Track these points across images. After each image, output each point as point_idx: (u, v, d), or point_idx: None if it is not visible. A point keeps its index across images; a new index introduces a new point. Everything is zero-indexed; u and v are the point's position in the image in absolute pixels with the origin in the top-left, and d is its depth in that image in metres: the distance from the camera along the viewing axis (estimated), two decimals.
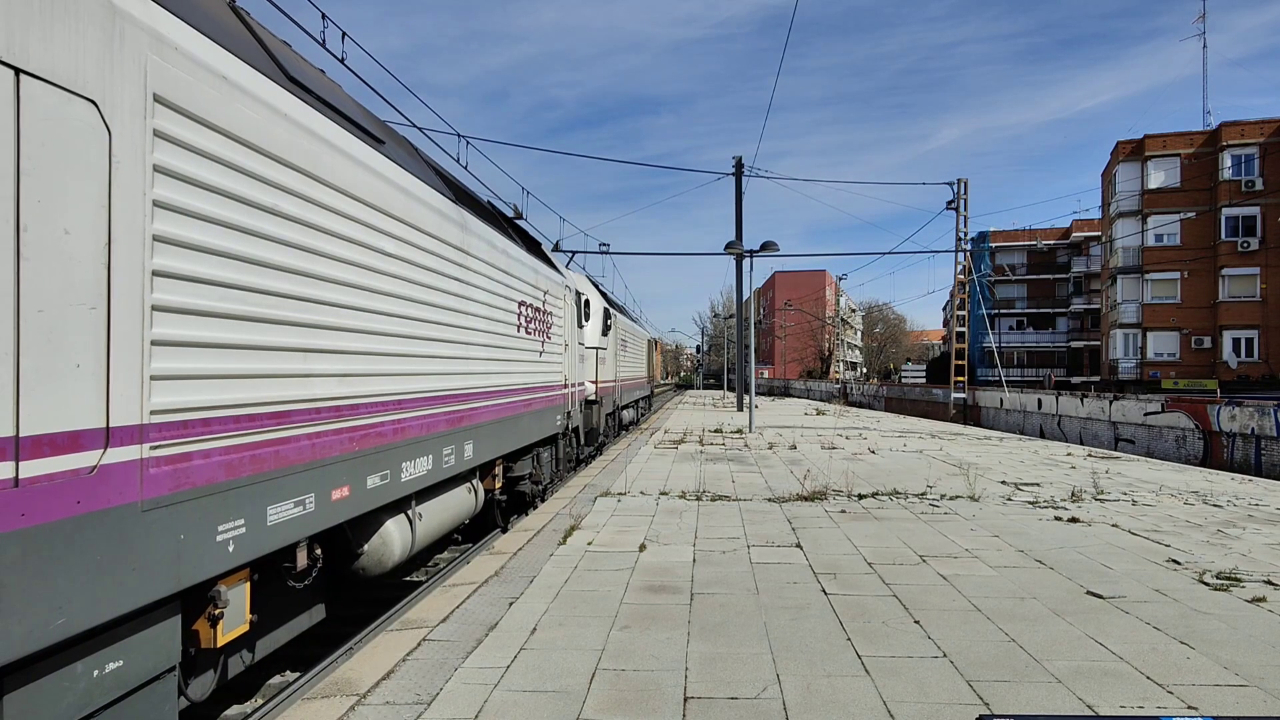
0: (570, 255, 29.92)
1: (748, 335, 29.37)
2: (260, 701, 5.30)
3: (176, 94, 3.49)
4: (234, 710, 5.49)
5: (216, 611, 4.01)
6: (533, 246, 12.21)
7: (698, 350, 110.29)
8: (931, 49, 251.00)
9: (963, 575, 6.71)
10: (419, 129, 12.93)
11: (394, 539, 6.18)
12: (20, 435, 2.69)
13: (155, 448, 3.35)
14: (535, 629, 5.32)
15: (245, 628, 4.32)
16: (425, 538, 6.95)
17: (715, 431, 22.94)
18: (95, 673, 3.20)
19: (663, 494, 11.11)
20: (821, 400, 55.06)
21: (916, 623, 5.45)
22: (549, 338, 11.55)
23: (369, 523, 5.98)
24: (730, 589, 6.27)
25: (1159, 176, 43.35)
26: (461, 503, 8.06)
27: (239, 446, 3.96)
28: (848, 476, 12.75)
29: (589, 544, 7.91)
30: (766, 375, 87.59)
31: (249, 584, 4.37)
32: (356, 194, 5.23)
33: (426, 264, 6.51)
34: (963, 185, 33.84)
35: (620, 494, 11.10)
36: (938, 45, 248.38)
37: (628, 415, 25.35)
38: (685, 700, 4.14)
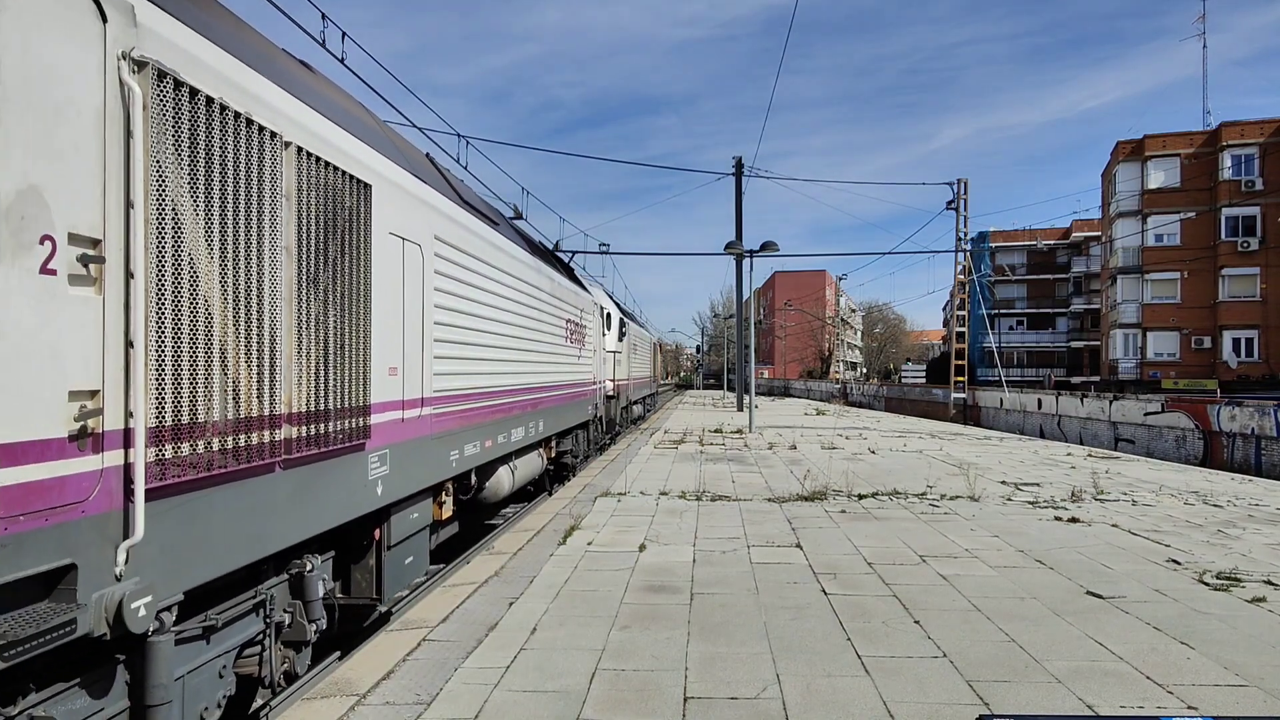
0: (570, 255, 29.89)
1: (748, 335, 29.38)
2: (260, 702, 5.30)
3: (440, 230, 6.67)
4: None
5: (442, 500, 7.25)
6: (571, 275, 15.88)
7: (698, 350, 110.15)
8: (935, 49, 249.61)
9: (963, 575, 6.71)
10: (419, 129, 12.92)
11: (504, 479, 9.45)
12: (405, 399, 5.84)
13: (434, 409, 6.51)
14: (535, 629, 5.33)
15: (450, 513, 7.56)
16: (517, 483, 10.17)
17: (715, 431, 22.94)
18: (412, 516, 6.31)
19: (663, 494, 11.12)
20: (821, 400, 55.06)
21: (916, 623, 5.45)
22: (583, 345, 14.70)
23: (490, 468, 9.06)
24: (730, 589, 6.27)
25: (1159, 176, 43.32)
26: (536, 463, 11.39)
27: (454, 412, 7.07)
28: (848, 476, 12.75)
29: (589, 544, 7.91)
30: (766, 375, 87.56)
31: (453, 489, 7.64)
32: (489, 260, 8.26)
33: (519, 299, 9.56)
34: (963, 185, 33.86)
35: (620, 494, 11.10)
36: (941, 45, 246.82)
37: (637, 410, 29.80)
38: (685, 700, 4.14)
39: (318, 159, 4.42)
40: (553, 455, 12.78)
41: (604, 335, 18.08)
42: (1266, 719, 3.89)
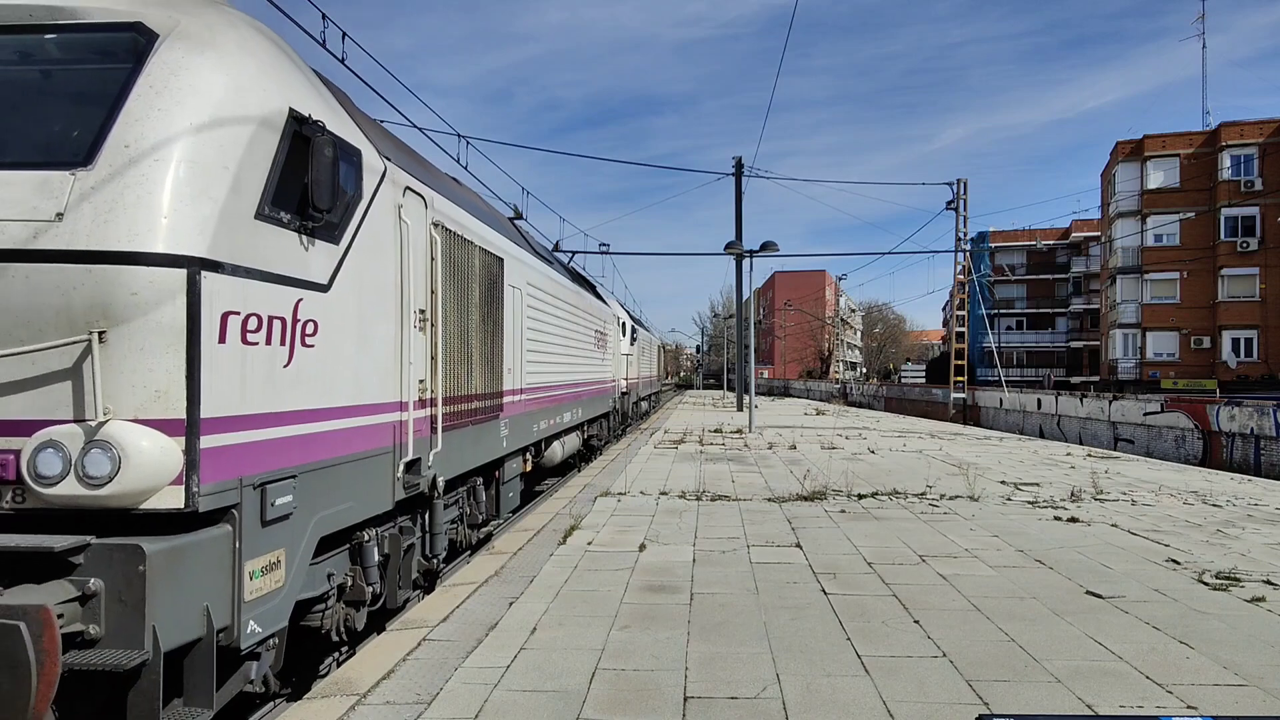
0: (570, 255, 29.92)
1: (748, 335, 29.39)
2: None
3: (529, 278, 9.85)
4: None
5: (526, 458, 10.38)
6: (595, 292, 19.63)
7: (698, 350, 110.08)
8: (937, 49, 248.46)
9: (962, 575, 6.72)
10: (419, 129, 12.94)
11: (557, 451, 12.76)
12: (513, 388, 9.10)
13: (525, 396, 9.67)
14: (535, 629, 5.33)
15: (529, 469, 10.77)
16: (564, 454, 13.52)
17: (715, 431, 22.94)
18: (513, 465, 9.66)
19: (663, 494, 11.12)
20: (821, 400, 55.04)
21: (916, 622, 5.45)
22: (605, 350, 18.29)
23: (549, 441, 12.10)
24: (730, 589, 6.27)
25: (1158, 177, 43.31)
26: (575, 442, 14.70)
27: (534, 399, 10.13)
28: (847, 476, 12.75)
29: (589, 544, 7.91)
30: (766, 375, 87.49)
31: (531, 452, 10.77)
32: (550, 291, 11.32)
33: (567, 318, 12.93)
34: (962, 185, 33.85)
35: (620, 494, 11.11)
36: (943, 45, 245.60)
37: (644, 405, 33.99)
38: (685, 700, 4.15)
39: (485, 250, 7.75)
40: (585, 438, 16.17)
41: (620, 341, 21.74)
42: (1267, 719, 3.89)
